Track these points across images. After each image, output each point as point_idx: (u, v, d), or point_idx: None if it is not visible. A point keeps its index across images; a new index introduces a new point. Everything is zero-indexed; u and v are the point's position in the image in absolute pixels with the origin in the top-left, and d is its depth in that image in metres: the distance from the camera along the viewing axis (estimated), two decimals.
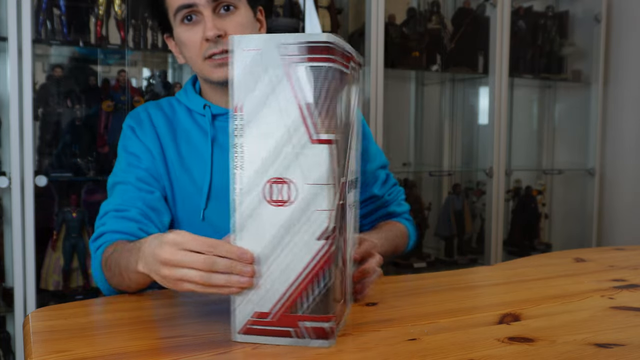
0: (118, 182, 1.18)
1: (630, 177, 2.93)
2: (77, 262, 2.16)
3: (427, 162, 3.04)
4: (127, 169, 1.18)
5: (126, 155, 1.20)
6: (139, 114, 1.24)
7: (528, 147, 3.25)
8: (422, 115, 3.05)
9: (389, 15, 2.52)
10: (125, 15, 2.18)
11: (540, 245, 3.05)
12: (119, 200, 1.14)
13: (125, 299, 1.00)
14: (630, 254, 1.44)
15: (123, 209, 1.12)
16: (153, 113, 1.24)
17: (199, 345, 0.77)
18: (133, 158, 1.19)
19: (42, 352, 0.73)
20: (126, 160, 1.19)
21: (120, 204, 1.13)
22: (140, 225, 1.10)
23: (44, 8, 2.07)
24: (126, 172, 1.17)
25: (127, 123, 1.24)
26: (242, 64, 0.74)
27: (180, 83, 2.40)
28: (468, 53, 2.77)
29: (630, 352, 0.77)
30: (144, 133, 1.21)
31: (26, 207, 1.93)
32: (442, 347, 0.77)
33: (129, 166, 1.18)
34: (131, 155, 1.19)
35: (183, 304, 0.96)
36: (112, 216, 1.12)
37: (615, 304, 0.98)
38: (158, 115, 1.23)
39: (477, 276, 1.24)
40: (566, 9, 3.05)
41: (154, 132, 1.21)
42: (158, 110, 1.25)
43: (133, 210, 1.11)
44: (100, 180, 2.22)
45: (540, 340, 0.80)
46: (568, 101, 3.19)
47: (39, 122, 2.13)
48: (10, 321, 2.08)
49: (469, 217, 2.91)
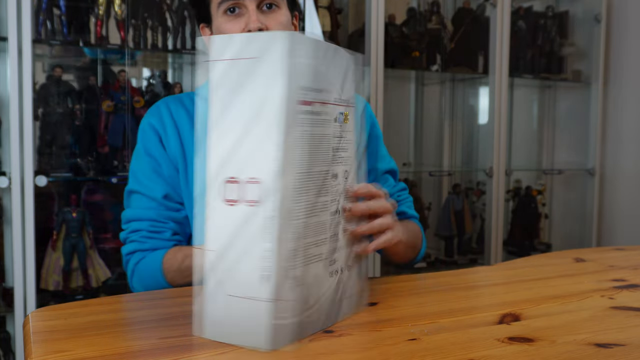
0: (142, 193, 1.19)
1: (630, 177, 2.93)
2: (77, 262, 2.16)
3: (427, 162, 3.04)
4: (151, 176, 1.19)
5: (148, 159, 1.20)
6: (159, 110, 1.24)
7: (528, 147, 3.25)
8: (422, 115, 3.05)
9: (389, 15, 2.52)
10: (125, 15, 2.18)
11: (540, 245, 3.05)
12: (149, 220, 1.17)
13: (125, 299, 1.00)
14: (630, 254, 1.43)
15: (157, 230, 1.16)
16: (174, 108, 1.23)
17: (199, 345, 0.77)
18: (156, 164, 1.20)
19: (42, 352, 0.73)
20: (149, 165, 1.20)
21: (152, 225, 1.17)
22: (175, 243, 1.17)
23: (44, 8, 2.07)
24: (151, 181, 1.19)
25: (148, 120, 1.23)
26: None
27: (181, 83, 2.40)
28: (468, 53, 2.77)
29: (630, 352, 0.77)
30: (165, 133, 1.21)
31: (26, 207, 1.93)
32: (442, 347, 0.77)
33: (154, 173, 1.19)
34: (153, 160, 1.20)
35: (183, 304, 0.96)
36: (147, 236, 1.16)
37: (615, 304, 0.98)
38: (179, 111, 1.23)
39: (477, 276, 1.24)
40: (566, 9, 3.05)
41: (174, 128, 1.21)
42: (179, 105, 1.24)
43: (167, 233, 1.16)
44: (100, 180, 2.22)
45: (540, 340, 0.80)
46: (568, 101, 3.19)
47: (39, 122, 2.13)
48: (10, 321, 2.08)
49: (469, 217, 2.91)
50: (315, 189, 0.79)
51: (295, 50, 0.71)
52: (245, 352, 0.74)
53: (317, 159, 0.79)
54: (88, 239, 2.19)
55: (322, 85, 0.79)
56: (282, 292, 0.73)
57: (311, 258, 0.79)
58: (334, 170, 0.82)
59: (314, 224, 0.79)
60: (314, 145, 0.78)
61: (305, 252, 0.77)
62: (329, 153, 0.81)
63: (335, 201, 0.83)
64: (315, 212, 0.79)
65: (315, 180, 0.79)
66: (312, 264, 0.79)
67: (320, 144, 0.80)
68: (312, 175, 0.78)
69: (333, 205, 0.83)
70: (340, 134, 0.84)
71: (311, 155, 0.77)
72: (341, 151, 0.84)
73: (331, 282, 0.83)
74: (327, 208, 0.82)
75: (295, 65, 0.72)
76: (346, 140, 0.85)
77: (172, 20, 2.28)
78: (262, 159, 0.72)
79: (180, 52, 2.31)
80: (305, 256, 0.77)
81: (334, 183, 0.83)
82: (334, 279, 0.84)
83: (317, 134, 0.79)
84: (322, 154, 0.80)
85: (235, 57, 0.73)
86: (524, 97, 3.24)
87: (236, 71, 0.73)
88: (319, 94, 0.78)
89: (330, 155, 0.82)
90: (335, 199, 0.83)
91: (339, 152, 0.84)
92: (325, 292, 0.82)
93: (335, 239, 0.84)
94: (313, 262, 0.79)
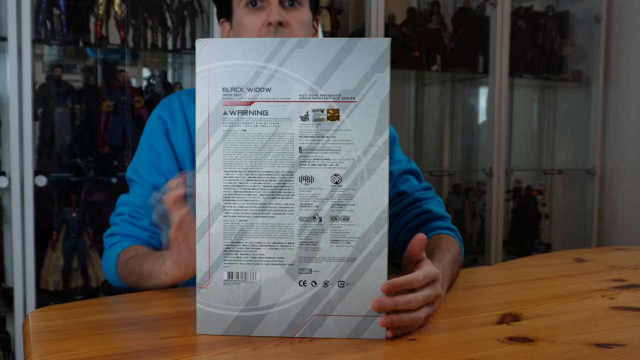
0: (136, 181, 1.20)
1: (630, 177, 2.93)
2: (77, 262, 2.16)
3: (427, 162, 3.04)
4: (147, 168, 1.20)
5: (149, 151, 1.21)
6: (171, 103, 1.24)
7: (528, 147, 3.25)
8: (422, 115, 3.05)
9: (389, 15, 2.52)
10: (125, 15, 2.18)
11: (540, 245, 3.05)
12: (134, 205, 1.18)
13: (125, 299, 1.00)
14: (630, 254, 1.43)
15: (137, 216, 1.16)
16: (186, 102, 1.23)
17: (199, 345, 0.77)
18: (155, 156, 1.20)
19: (42, 352, 0.73)
20: (147, 157, 1.20)
21: (134, 210, 1.17)
22: (150, 233, 1.16)
23: (43, 8, 2.07)
24: (145, 172, 1.19)
25: (158, 113, 1.23)
26: None
27: (181, 83, 2.40)
28: (468, 53, 2.77)
29: (630, 352, 0.77)
30: (174, 126, 1.21)
31: (26, 207, 1.93)
32: (442, 347, 0.77)
33: (150, 165, 1.20)
34: (153, 153, 1.20)
35: (183, 304, 0.96)
36: (126, 220, 1.17)
37: (615, 304, 0.98)
38: (191, 105, 1.23)
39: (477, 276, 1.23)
40: (566, 9, 3.05)
41: (184, 122, 1.21)
42: (191, 100, 1.24)
43: (146, 220, 1.16)
44: (100, 180, 2.22)
45: (540, 340, 0.80)
46: (568, 101, 3.19)
47: (38, 122, 2.13)
48: (10, 321, 2.08)
49: (469, 217, 2.91)
50: (267, 190, 0.78)
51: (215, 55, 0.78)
52: (245, 352, 0.74)
53: (265, 159, 0.78)
54: (88, 239, 2.19)
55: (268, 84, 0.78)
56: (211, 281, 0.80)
57: (261, 259, 0.79)
58: (304, 173, 0.78)
59: (268, 226, 0.79)
60: (259, 145, 0.78)
61: (252, 251, 0.79)
62: (290, 153, 0.78)
63: (309, 206, 0.79)
64: (267, 213, 0.79)
65: (265, 181, 0.78)
66: (265, 266, 0.79)
67: (269, 144, 0.78)
68: (258, 176, 0.79)
69: (305, 211, 0.79)
70: (318, 133, 0.78)
71: (254, 155, 0.78)
72: (322, 152, 0.78)
73: (300, 291, 0.79)
74: (290, 211, 0.79)
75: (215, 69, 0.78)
76: (335, 141, 0.78)
77: (172, 20, 2.28)
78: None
79: (180, 52, 2.31)
80: (252, 256, 0.79)
81: (304, 186, 0.78)
82: (306, 289, 0.79)
83: (264, 134, 0.78)
84: (276, 154, 0.78)
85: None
86: (524, 97, 3.24)
87: None
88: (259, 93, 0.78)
89: (296, 156, 0.78)
90: (310, 204, 0.79)
91: (315, 153, 0.78)
92: (291, 300, 0.80)
93: (311, 247, 0.79)
94: (265, 264, 0.79)
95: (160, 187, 1.18)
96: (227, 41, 0.79)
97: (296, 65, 0.78)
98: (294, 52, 0.78)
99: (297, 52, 0.78)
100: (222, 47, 0.78)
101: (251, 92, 0.78)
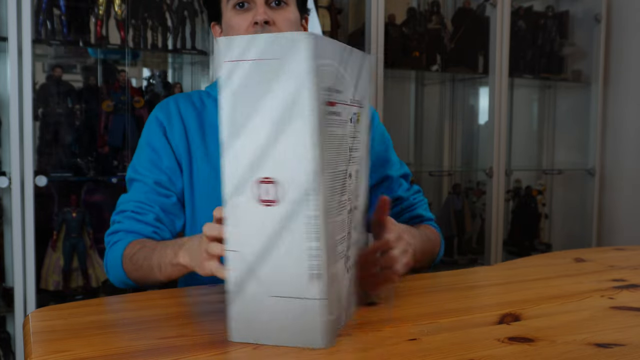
0: (137, 180, 1.20)
1: (630, 177, 2.93)
2: (77, 262, 2.16)
3: (427, 162, 3.04)
4: (148, 166, 1.20)
5: (149, 150, 1.21)
6: (168, 106, 1.25)
7: (528, 147, 3.25)
8: (422, 115, 3.05)
9: (389, 15, 2.52)
10: (125, 15, 2.18)
11: (540, 245, 3.05)
12: (136, 201, 1.18)
13: (125, 299, 1.00)
14: (630, 254, 1.44)
15: (140, 212, 1.16)
16: (183, 105, 1.25)
17: (199, 345, 0.77)
18: (155, 155, 1.21)
19: (42, 352, 0.73)
20: (148, 157, 1.21)
21: (138, 205, 1.17)
22: (154, 229, 1.16)
23: (44, 8, 2.07)
24: (146, 170, 1.20)
25: (155, 114, 1.24)
26: None
27: (181, 83, 2.40)
28: (468, 53, 2.77)
29: (630, 352, 0.77)
30: (171, 127, 1.22)
31: (26, 207, 1.93)
32: (442, 347, 0.77)
33: (150, 164, 1.20)
34: (153, 152, 1.21)
35: (183, 304, 0.96)
36: (129, 217, 1.16)
37: (615, 304, 0.98)
38: (188, 108, 1.24)
39: (477, 276, 1.24)
40: (566, 9, 3.05)
41: (181, 125, 1.22)
42: (188, 103, 1.25)
43: (150, 215, 1.16)
44: (100, 180, 2.22)
45: (540, 340, 0.80)
46: (568, 101, 3.19)
47: (38, 122, 2.13)
48: (10, 321, 2.08)
49: (469, 217, 2.91)
50: (340, 188, 0.80)
51: (319, 51, 0.71)
52: (245, 352, 0.74)
53: (339, 159, 0.80)
54: (88, 239, 2.19)
55: (341, 87, 0.79)
56: (329, 290, 0.74)
57: (338, 255, 0.80)
58: (349, 170, 0.83)
59: (339, 222, 0.80)
60: (337, 146, 0.79)
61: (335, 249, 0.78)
62: (347, 153, 0.82)
63: (349, 200, 0.84)
64: (340, 211, 0.80)
65: (340, 180, 0.80)
66: (339, 261, 0.80)
67: (340, 144, 0.80)
68: (337, 175, 0.79)
69: (348, 204, 0.84)
70: (354, 134, 0.85)
71: (336, 155, 0.79)
72: (354, 151, 0.85)
73: (347, 279, 0.84)
74: (345, 207, 0.82)
75: (320, 66, 0.71)
76: (358, 141, 0.87)
77: (172, 20, 2.28)
78: (299, 159, 0.71)
79: (180, 52, 2.31)
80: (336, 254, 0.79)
81: (349, 182, 0.83)
82: (349, 275, 0.85)
83: (339, 135, 0.79)
84: (342, 153, 0.81)
85: (257, 58, 0.71)
86: (524, 97, 3.24)
87: (259, 72, 0.71)
88: (339, 95, 0.78)
89: (348, 155, 0.83)
90: (350, 198, 0.84)
91: (352, 152, 0.84)
92: (343, 289, 0.82)
93: (349, 236, 0.84)
94: (339, 259, 0.80)
95: (162, 183, 1.19)
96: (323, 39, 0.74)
97: (350, 70, 0.82)
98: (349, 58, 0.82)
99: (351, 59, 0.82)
100: (321, 43, 0.73)
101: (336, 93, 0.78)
